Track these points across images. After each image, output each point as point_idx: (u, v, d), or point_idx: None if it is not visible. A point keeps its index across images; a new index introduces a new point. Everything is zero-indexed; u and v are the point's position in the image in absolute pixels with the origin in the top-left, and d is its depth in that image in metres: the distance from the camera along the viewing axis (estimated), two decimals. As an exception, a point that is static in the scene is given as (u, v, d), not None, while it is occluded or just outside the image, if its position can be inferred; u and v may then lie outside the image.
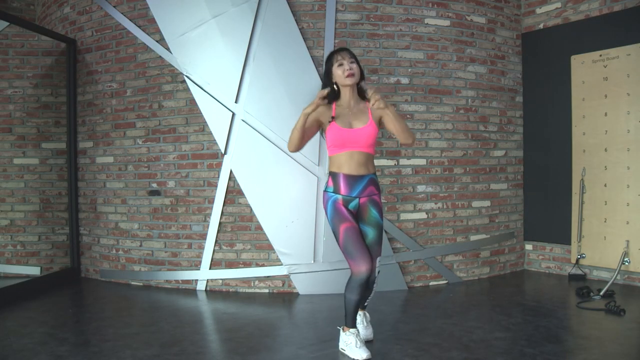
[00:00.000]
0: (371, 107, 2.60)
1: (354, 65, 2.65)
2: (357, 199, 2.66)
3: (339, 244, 2.66)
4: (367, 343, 2.80)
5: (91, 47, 4.53)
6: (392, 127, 2.64)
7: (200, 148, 4.13)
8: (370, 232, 2.68)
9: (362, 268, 2.55)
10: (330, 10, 4.00)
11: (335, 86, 2.69)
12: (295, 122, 2.63)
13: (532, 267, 4.70)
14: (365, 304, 2.95)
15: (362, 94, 2.76)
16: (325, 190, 2.72)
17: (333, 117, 2.65)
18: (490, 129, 4.46)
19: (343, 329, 2.75)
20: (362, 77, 2.73)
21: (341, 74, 2.64)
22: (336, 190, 2.66)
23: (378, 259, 2.72)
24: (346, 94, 2.70)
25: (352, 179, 2.64)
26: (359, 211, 2.68)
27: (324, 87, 2.72)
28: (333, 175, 2.68)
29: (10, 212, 4.67)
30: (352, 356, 2.64)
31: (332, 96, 2.69)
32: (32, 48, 4.72)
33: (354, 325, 2.71)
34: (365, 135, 2.64)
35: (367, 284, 2.67)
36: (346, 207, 2.65)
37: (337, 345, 2.81)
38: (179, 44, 4.12)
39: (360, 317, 2.94)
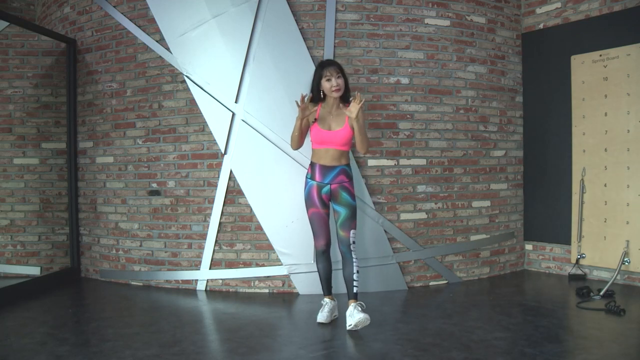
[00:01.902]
0: (346, 111, 3.11)
1: (340, 81, 3.17)
2: (329, 185, 3.23)
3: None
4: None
5: (91, 47, 4.53)
6: (355, 133, 3.17)
7: (200, 148, 4.13)
8: (342, 210, 3.21)
9: (319, 243, 3.30)
10: (330, 10, 4.00)
11: (322, 93, 3.21)
12: (293, 128, 3.26)
13: (532, 267, 4.70)
14: (355, 290, 3.13)
15: (343, 100, 3.24)
16: (305, 177, 3.32)
17: (316, 119, 3.22)
18: (490, 129, 4.46)
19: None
20: (346, 88, 3.23)
21: (329, 87, 3.17)
22: (312, 177, 3.26)
23: (352, 231, 3.21)
24: (330, 100, 3.23)
25: (325, 169, 3.23)
26: (332, 195, 3.25)
27: (311, 92, 3.26)
28: (312, 164, 3.29)
29: (10, 212, 4.67)
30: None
31: (319, 98, 3.24)
32: (32, 48, 4.72)
33: (326, 294, 3.36)
34: (340, 136, 3.20)
35: (344, 257, 3.19)
36: (319, 193, 3.24)
37: (337, 345, 2.84)
38: (179, 44, 4.12)
39: (352, 308, 3.08)
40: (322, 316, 3.26)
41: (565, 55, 4.41)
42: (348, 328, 3.04)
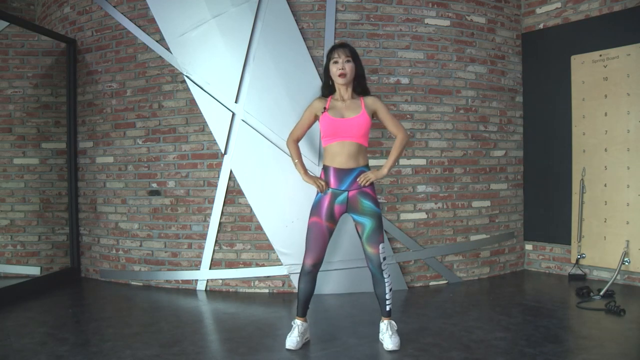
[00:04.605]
0: (359, 181, 2.78)
1: (349, 65, 2.75)
2: (346, 193, 2.78)
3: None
4: (393, 353, 2.71)
5: (91, 47, 4.53)
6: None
7: (200, 148, 4.13)
8: (367, 222, 2.79)
9: (308, 260, 2.81)
10: (330, 10, 4.00)
11: (331, 81, 2.82)
12: (290, 151, 2.93)
13: (532, 267, 4.70)
14: (387, 308, 2.83)
15: (358, 90, 2.85)
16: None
17: (325, 109, 2.78)
18: (490, 129, 4.46)
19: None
20: (361, 75, 2.82)
21: (335, 71, 2.76)
22: (327, 183, 2.81)
23: (381, 245, 2.80)
24: (340, 90, 2.83)
25: (341, 172, 2.77)
26: (350, 204, 2.80)
27: (323, 81, 2.89)
28: (325, 168, 2.83)
29: (10, 212, 4.67)
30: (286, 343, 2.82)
31: (329, 90, 2.86)
32: (32, 48, 4.72)
33: (300, 315, 2.87)
34: (357, 124, 2.75)
35: (375, 277, 2.81)
36: (332, 202, 2.79)
37: (337, 345, 2.85)
38: (179, 44, 4.12)
39: (385, 325, 2.84)
40: (290, 341, 2.79)
41: (565, 55, 4.41)
42: (387, 349, 2.78)
